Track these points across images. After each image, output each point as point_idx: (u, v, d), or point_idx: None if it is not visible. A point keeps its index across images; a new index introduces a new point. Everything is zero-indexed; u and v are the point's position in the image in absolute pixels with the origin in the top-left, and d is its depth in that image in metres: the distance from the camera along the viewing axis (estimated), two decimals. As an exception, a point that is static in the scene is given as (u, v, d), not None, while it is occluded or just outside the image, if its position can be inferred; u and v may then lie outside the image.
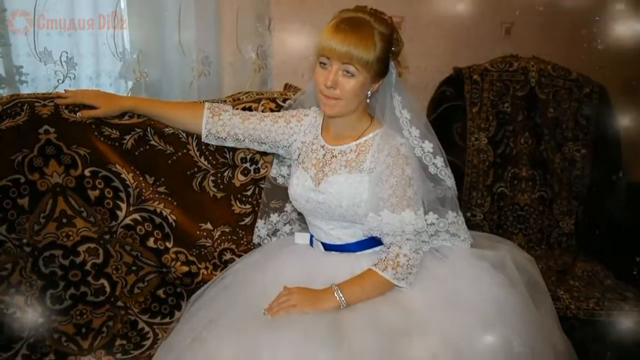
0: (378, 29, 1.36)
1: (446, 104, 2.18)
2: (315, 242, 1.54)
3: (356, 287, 1.37)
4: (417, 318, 1.31)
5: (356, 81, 1.36)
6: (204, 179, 1.70)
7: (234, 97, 1.79)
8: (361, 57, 1.33)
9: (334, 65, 1.36)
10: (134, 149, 1.63)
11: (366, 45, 1.33)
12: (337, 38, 1.33)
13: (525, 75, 2.19)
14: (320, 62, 1.38)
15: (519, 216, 2.20)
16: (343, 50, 1.33)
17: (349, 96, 1.37)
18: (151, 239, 1.65)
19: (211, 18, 1.99)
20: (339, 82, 1.36)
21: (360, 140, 1.46)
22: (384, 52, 1.38)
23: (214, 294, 1.49)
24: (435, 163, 1.48)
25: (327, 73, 1.36)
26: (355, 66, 1.34)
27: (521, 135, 2.19)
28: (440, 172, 1.49)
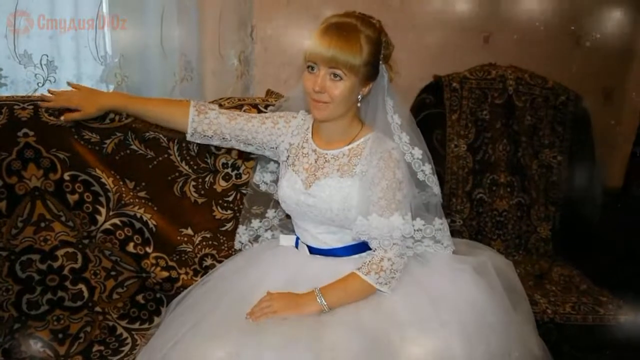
0: (365, 32, 1.37)
1: (426, 111, 2.22)
2: (300, 244, 1.54)
3: (339, 291, 1.37)
4: (398, 321, 1.32)
5: (344, 85, 1.37)
6: (185, 184, 1.70)
7: (216, 103, 1.78)
8: (347, 60, 1.34)
9: (322, 70, 1.36)
10: (115, 153, 1.62)
11: (352, 48, 1.34)
12: (324, 42, 1.34)
13: (503, 83, 2.24)
14: (308, 67, 1.38)
15: (497, 222, 2.24)
16: (329, 55, 1.33)
17: (337, 100, 1.38)
18: (131, 243, 1.65)
19: (193, 23, 1.99)
20: (327, 86, 1.37)
21: (352, 145, 1.47)
22: (372, 55, 1.38)
23: (196, 298, 1.48)
24: (424, 170, 1.50)
25: (314, 78, 1.37)
26: (342, 70, 1.35)
27: (499, 142, 2.24)
28: (428, 179, 1.50)
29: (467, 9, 2.40)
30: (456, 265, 1.47)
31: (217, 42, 2.01)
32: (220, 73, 2.05)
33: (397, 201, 1.39)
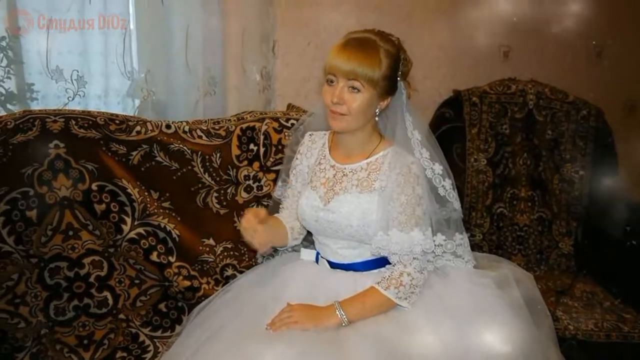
0: (384, 46, 1.40)
1: (446, 125, 2.24)
2: (321, 259, 1.56)
3: (358, 305, 1.39)
4: (418, 335, 1.33)
5: (362, 97, 1.39)
6: (208, 195, 1.75)
7: (239, 116, 1.85)
8: (366, 73, 1.37)
9: (340, 82, 1.39)
10: (140, 164, 1.69)
11: (371, 61, 1.37)
12: (343, 55, 1.37)
13: (523, 98, 2.25)
14: (327, 80, 1.42)
15: (518, 237, 2.24)
16: (348, 67, 1.37)
17: (355, 112, 1.40)
18: (154, 253, 1.70)
19: (217, 39, 2.05)
20: (346, 98, 1.39)
21: (370, 159, 1.48)
22: (391, 69, 1.41)
23: (217, 307, 1.51)
24: (445, 185, 1.51)
25: (333, 89, 1.40)
26: (360, 82, 1.38)
27: (520, 157, 2.25)
28: (448, 194, 1.51)
29: (487, 25, 2.43)
30: (477, 280, 1.48)
31: (240, 58, 2.06)
32: (242, 87, 2.09)
33: (417, 216, 1.40)
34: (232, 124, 1.80)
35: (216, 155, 1.76)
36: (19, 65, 1.87)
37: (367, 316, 1.38)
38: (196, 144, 1.74)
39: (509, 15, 2.43)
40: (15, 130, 1.57)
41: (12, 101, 1.90)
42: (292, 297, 1.42)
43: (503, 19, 2.43)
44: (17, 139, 1.57)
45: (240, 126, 1.79)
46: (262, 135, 1.80)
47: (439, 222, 1.49)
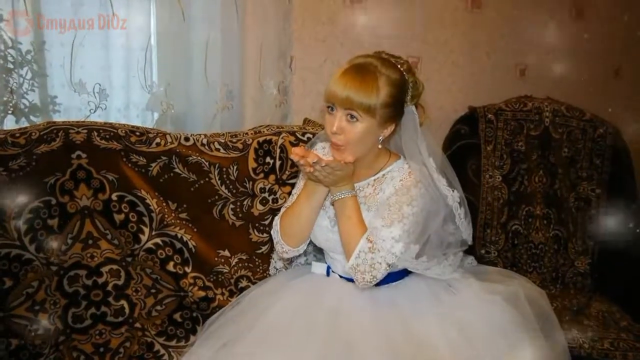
0: (385, 73, 1.40)
1: (461, 141, 2.26)
2: (332, 273, 1.60)
3: (352, 214, 1.43)
4: (432, 352, 1.35)
5: (361, 126, 1.39)
6: (224, 207, 1.79)
7: (255, 130, 1.90)
8: (362, 102, 1.36)
9: (338, 111, 1.40)
10: (159, 175, 1.73)
11: (367, 90, 1.36)
12: (340, 83, 1.38)
13: (539, 115, 2.27)
14: (327, 107, 1.43)
15: (533, 254, 2.24)
16: (344, 96, 1.36)
17: (353, 142, 1.40)
18: (171, 263, 1.74)
19: (236, 54, 2.10)
20: (344, 127, 1.39)
21: (378, 175, 1.52)
22: (391, 97, 1.40)
23: (229, 318, 1.54)
24: (460, 214, 1.53)
25: (332, 119, 1.41)
26: (357, 111, 1.37)
27: (535, 174, 2.26)
28: (461, 224, 1.54)
29: (503, 43, 2.47)
30: (487, 296, 1.49)
31: (257, 73, 2.11)
32: (259, 102, 2.13)
33: (402, 214, 1.41)
34: (249, 137, 1.84)
35: (233, 168, 1.80)
36: (43, 78, 1.93)
37: (340, 220, 1.45)
38: (214, 157, 1.78)
39: (525, 33, 2.47)
40: (39, 140, 1.63)
41: (36, 113, 1.97)
42: (301, 310, 1.45)
43: (519, 36, 2.47)
44: (40, 149, 1.62)
45: (257, 139, 1.84)
46: (278, 148, 1.84)
47: (447, 245, 1.52)
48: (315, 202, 1.51)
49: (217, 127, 2.09)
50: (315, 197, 1.50)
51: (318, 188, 1.48)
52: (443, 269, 1.54)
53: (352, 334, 1.38)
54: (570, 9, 2.52)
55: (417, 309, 1.47)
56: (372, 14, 2.30)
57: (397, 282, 1.54)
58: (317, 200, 1.51)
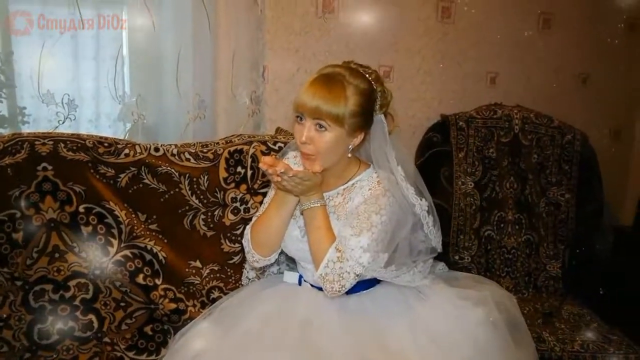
0: (353, 83, 1.38)
1: (433, 149, 2.27)
2: (303, 282, 1.57)
3: (321, 224, 1.42)
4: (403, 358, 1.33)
5: (330, 136, 1.37)
6: (195, 217, 1.76)
7: (227, 140, 1.87)
8: (330, 111, 1.34)
9: (307, 121, 1.38)
10: (128, 186, 1.69)
11: (335, 99, 1.35)
12: (308, 93, 1.36)
13: (509, 123, 2.28)
14: (296, 117, 1.41)
15: (506, 259, 2.24)
16: (312, 105, 1.35)
17: (323, 151, 1.38)
18: (141, 275, 1.69)
19: (208, 64, 2.08)
20: (313, 137, 1.38)
21: (347, 184, 1.50)
22: (360, 106, 1.39)
23: (200, 329, 1.50)
24: (428, 222, 1.51)
25: (301, 128, 1.39)
26: (325, 121, 1.36)
27: (506, 180, 2.26)
28: (430, 232, 1.52)
29: (474, 52, 2.48)
30: (457, 302, 1.48)
31: (230, 82, 2.08)
32: (232, 111, 2.11)
33: (370, 223, 1.40)
34: (220, 147, 1.82)
35: (204, 178, 1.77)
36: (11, 89, 1.89)
37: (309, 230, 1.44)
38: (184, 167, 1.75)
39: (496, 42, 2.48)
40: (3, 152, 1.58)
41: (4, 124, 1.93)
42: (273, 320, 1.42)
43: (490, 46, 2.48)
44: (4, 161, 1.58)
45: (228, 149, 1.81)
46: (249, 158, 1.81)
47: (419, 252, 1.51)
48: (285, 211, 1.49)
49: (190, 137, 2.07)
50: (285, 206, 1.48)
51: (288, 198, 1.46)
52: (413, 276, 1.52)
53: (323, 343, 1.35)
54: (539, 19, 2.54)
55: (388, 317, 1.45)
56: (345, 24, 2.30)
57: (368, 290, 1.52)
58: (287, 209, 1.49)
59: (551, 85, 2.57)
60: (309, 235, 1.45)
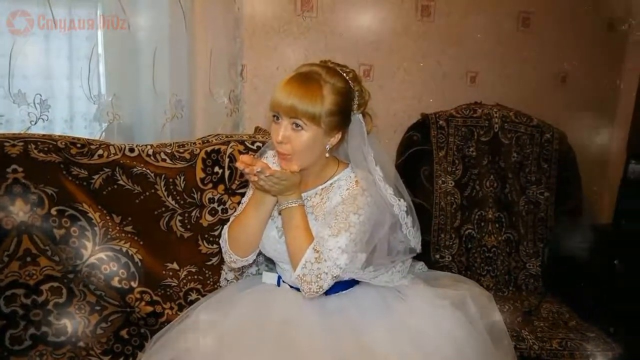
0: (329, 81, 1.38)
1: (414, 148, 2.25)
2: (282, 283, 1.56)
3: (299, 224, 1.40)
4: (380, 356, 1.33)
5: (306, 135, 1.36)
6: (172, 218, 1.73)
7: (204, 140, 1.84)
8: (306, 110, 1.34)
9: (284, 120, 1.37)
10: (102, 188, 1.66)
11: (311, 98, 1.34)
12: (284, 92, 1.36)
13: (489, 121, 2.28)
14: (273, 116, 1.40)
15: (486, 258, 2.24)
16: (288, 104, 1.34)
17: (300, 150, 1.38)
18: (116, 278, 1.66)
19: (185, 63, 2.05)
20: (290, 136, 1.37)
21: (325, 184, 1.49)
22: (337, 105, 1.39)
23: (177, 332, 1.48)
24: (407, 223, 1.51)
25: (278, 128, 1.38)
26: (302, 120, 1.35)
27: (486, 179, 2.27)
28: (409, 232, 1.52)
29: (454, 51, 2.48)
30: (436, 301, 1.48)
31: (207, 81, 2.06)
32: (210, 111, 2.08)
33: (348, 223, 1.39)
34: (197, 147, 1.79)
35: (180, 179, 1.74)
36: (-18, 90, 1.84)
37: (287, 230, 1.42)
38: (160, 167, 1.72)
39: (476, 41, 2.49)
40: (-29, 155, 1.54)
41: (-24, 126, 1.88)
42: (253, 322, 1.40)
43: (469, 45, 2.48)
44: (-27, 164, 1.53)
45: (205, 149, 1.79)
46: (227, 158, 1.79)
47: (399, 252, 1.50)
48: (262, 211, 1.47)
49: (167, 137, 2.03)
50: (263, 206, 1.46)
51: (266, 197, 1.45)
52: (391, 276, 1.52)
53: (302, 344, 1.35)
54: (518, 19, 2.55)
55: (367, 317, 1.44)
56: (324, 22, 2.29)
57: (347, 291, 1.51)
58: (264, 209, 1.47)
59: (531, 84, 2.58)
60: (286, 236, 1.44)
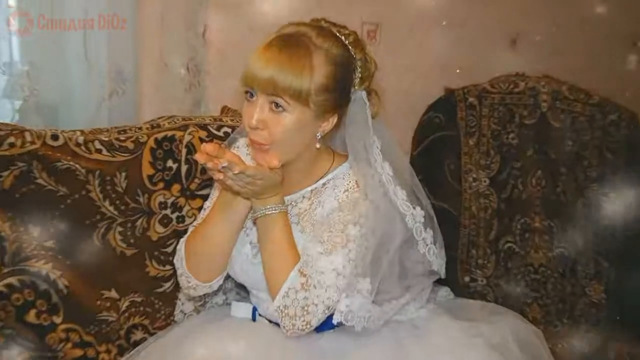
0: (322, 46, 1.37)
1: (435, 134, 2.24)
2: (259, 317, 1.57)
3: (278, 238, 1.40)
4: None
5: (290, 118, 1.35)
6: (109, 230, 1.73)
7: (153, 124, 1.85)
8: (290, 85, 1.32)
9: (260, 98, 1.35)
10: (14, 189, 1.64)
11: (296, 68, 1.32)
12: (261, 60, 1.34)
13: (535, 99, 2.27)
14: (245, 93, 1.38)
15: (532, 280, 2.23)
16: (266, 76, 1.32)
17: (280, 139, 1.36)
18: (32, 311, 1.64)
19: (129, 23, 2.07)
20: (268, 120, 1.35)
21: (316, 185, 1.49)
22: (332, 78, 1.37)
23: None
24: (425, 237, 1.52)
25: (252, 108, 1.36)
26: (283, 98, 1.33)
27: (532, 175, 2.25)
28: (429, 251, 1.53)
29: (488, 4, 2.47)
30: (465, 340, 1.49)
31: (158, 47, 2.08)
32: (162, 85, 2.11)
33: (346, 237, 1.38)
34: (144, 134, 1.79)
35: (121, 176, 1.74)
36: None
37: (263, 246, 1.42)
38: (94, 161, 1.71)
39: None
40: None
41: None
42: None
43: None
44: None
45: (155, 136, 1.78)
46: (184, 148, 1.79)
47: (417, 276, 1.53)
48: (232, 220, 1.47)
49: (104, 120, 2.07)
50: (233, 214, 1.46)
51: (236, 202, 1.45)
52: (405, 306, 1.53)
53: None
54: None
55: (374, 362, 1.45)
56: (315, -33, 2.29)
57: (344, 326, 1.48)
58: (234, 218, 1.47)
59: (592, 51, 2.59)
60: (263, 254, 1.44)
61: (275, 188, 1.40)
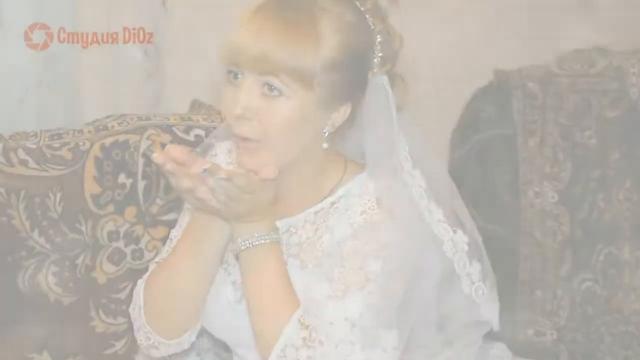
0: (332, 10, 1.37)
1: (482, 133, 2.27)
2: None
3: (269, 276, 1.40)
4: None
5: (287, 106, 1.34)
6: (39, 269, 1.75)
7: (97, 126, 1.87)
8: (289, 60, 1.32)
9: (248, 79, 1.35)
10: None
11: (298, 39, 1.32)
12: (250, 29, 1.34)
13: (620, 83, 2.30)
14: (228, 73, 1.38)
15: (622, 333, 2.25)
16: (256, 50, 1.31)
17: (274, 135, 1.35)
18: None
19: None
20: (258, 107, 1.35)
21: (323, 204, 1.49)
22: (344, 53, 1.37)
23: None
24: (471, 274, 1.54)
25: (236, 92, 1.35)
26: (281, 78, 1.33)
27: (618, 188, 2.28)
28: (475, 292, 1.54)
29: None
30: None
31: (104, 15, 2.11)
32: (110, 71, 2.13)
33: (365, 274, 1.39)
34: (86, 139, 1.82)
35: (55, 197, 1.77)
36: None
37: (250, 288, 1.42)
38: (16, 177, 1.75)
39: None
40: None
41: None
42: None
43: None
44: None
45: (102, 142, 1.81)
46: (141, 158, 1.83)
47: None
48: (207, 253, 1.47)
49: (30, 120, 2.08)
50: (208, 243, 1.46)
51: (212, 227, 1.45)
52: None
53: None
54: None
55: None
56: None
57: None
58: (210, 249, 1.47)
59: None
60: (249, 298, 1.44)
61: (266, 208, 1.39)
